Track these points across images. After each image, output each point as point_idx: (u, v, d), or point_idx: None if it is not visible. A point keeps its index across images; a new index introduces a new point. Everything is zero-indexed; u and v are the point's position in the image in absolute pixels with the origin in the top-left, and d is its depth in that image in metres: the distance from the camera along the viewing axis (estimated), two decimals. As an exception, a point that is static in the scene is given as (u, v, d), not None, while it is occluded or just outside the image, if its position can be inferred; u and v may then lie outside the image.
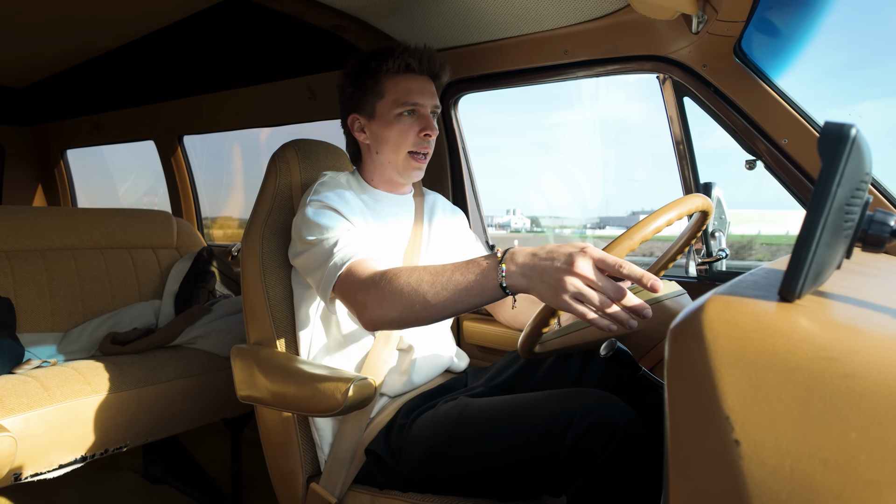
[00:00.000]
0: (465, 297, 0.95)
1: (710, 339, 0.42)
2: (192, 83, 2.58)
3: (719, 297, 0.46)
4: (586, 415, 0.95)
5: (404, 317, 1.01)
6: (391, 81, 1.31)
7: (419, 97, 1.31)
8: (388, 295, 1.01)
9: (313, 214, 1.22)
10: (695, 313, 0.45)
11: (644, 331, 1.08)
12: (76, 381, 1.62)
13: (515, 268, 0.90)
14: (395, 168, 1.34)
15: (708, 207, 1.12)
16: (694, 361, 0.43)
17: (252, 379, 1.30)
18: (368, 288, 1.04)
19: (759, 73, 1.32)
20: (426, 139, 1.32)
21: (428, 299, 0.97)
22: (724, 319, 0.43)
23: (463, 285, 0.95)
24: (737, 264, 1.51)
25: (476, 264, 0.95)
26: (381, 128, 1.32)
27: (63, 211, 2.22)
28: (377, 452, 1.22)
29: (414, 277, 0.99)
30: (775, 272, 0.57)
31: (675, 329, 0.46)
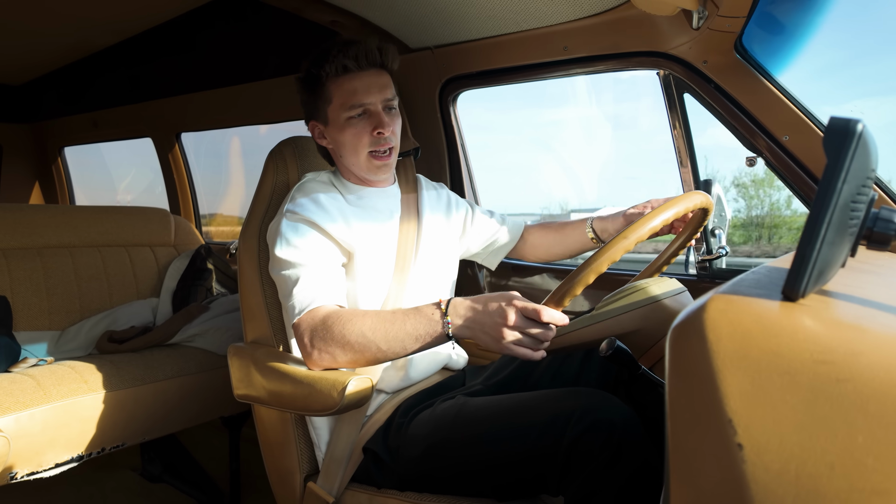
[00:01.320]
0: (412, 344, 1.07)
1: (713, 340, 0.41)
2: (189, 80, 2.57)
3: (721, 296, 0.45)
4: (584, 414, 0.94)
5: (354, 361, 1.12)
6: (335, 85, 1.27)
7: (365, 96, 1.27)
8: (338, 341, 1.10)
9: (286, 228, 1.22)
10: (696, 313, 0.44)
11: (644, 329, 1.07)
12: (72, 380, 1.62)
13: (459, 320, 1.05)
14: (360, 169, 1.33)
15: (708, 205, 1.11)
16: (695, 362, 0.42)
17: (249, 378, 1.29)
18: (318, 334, 1.12)
19: (761, 70, 1.31)
20: (380, 137, 1.29)
21: (380, 346, 1.08)
22: (727, 319, 0.42)
23: (412, 334, 1.07)
24: (738, 261, 1.50)
25: (424, 315, 1.07)
26: (336, 133, 1.30)
27: (60, 209, 2.21)
28: (375, 451, 1.21)
29: (367, 325, 1.09)
30: (778, 271, 0.56)
31: (677, 328, 0.45)
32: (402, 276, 1.34)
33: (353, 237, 1.26)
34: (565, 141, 2.75)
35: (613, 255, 0.94)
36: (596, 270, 0.94)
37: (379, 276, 1.31)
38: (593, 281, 0.95)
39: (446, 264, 1.47)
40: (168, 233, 2.43)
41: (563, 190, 2.85)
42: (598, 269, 0.94)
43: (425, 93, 1.82)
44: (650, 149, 2.54)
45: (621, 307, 1.09)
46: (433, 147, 1.87)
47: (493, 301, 1.02)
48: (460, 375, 1.45)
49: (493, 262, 1.64)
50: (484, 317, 1.02)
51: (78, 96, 3.09)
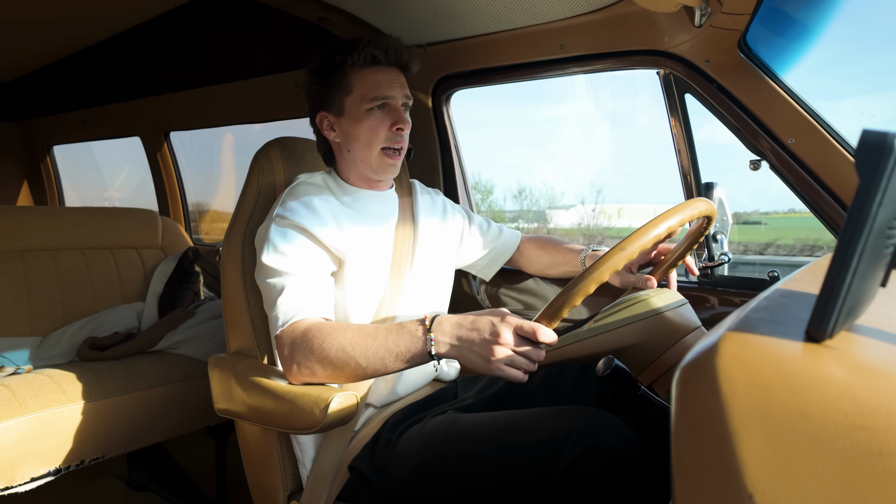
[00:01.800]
0: (393, 362, 1.02)
1: (727, 391, 0.35)
2: (177, 78, 2.51)
3: (734, 335, 0.39)
4: (582, 436, 0.89)
5: (334, 376, 1.07)
6: (358, 75, 1.24)
7: (388, 90, 1.24)
8: (318, 355, 1.06)
9: (274, 234, 1.18)
10: (706, 356, 0.38)
11: (643, 344, 1.02)
12: (50, 390, 1.56)
13: (444, 337, 0.98)
14: (369, 165, 1.28)
15: (712, 213, 1.05)
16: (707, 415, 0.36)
17: (229, 391, 1.23)
18: (298, 347, 1.08)
19: (765, 69, 1.25)
20: (398, 133, 1.25)
21: (359, 363, 1.03)
22: (743, 366, 0.36)
23: (394, 351, 1.01)
24: (743, 258, 1.44)
25: (407, 331, 1.01)
26: (351, 125, 1.25)
27: (43, 210, 2.15)
28: (361, 470, 1.15)
29: (347, 340, 1.04)
30: (795, 298, 0.50)
31: (685, 372, 0.40)
32: (397, 283, 1.29)
33: (346, 242, 1.21)
34: (561, 138, 2.70)
35: (611, 267, 0.89)
36: (597, 280, 0.89)
37: (373, 282, 1.26)
38: (592, 291, 0.90)
39: (442, 272, 1.42)
40: (155, 234, 2.37)
41: (559, 187, 2.81)
42: (600, 279, 0.89)
43: (417, 92, 1.76)
44: (648, 146, 2.49)
45: (621, 320, 1.04)
46: (426, 148, 1.81)
47: (483, 318, 0.96)
48: (452, 387, 1.39)
49: (489, 273, 1.59)
50: (473, 334, 0.96)
51: (66, 94, 3.02)
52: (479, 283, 1.74)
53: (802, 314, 0.46)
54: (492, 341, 0.93)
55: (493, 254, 1.56)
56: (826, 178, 1.23)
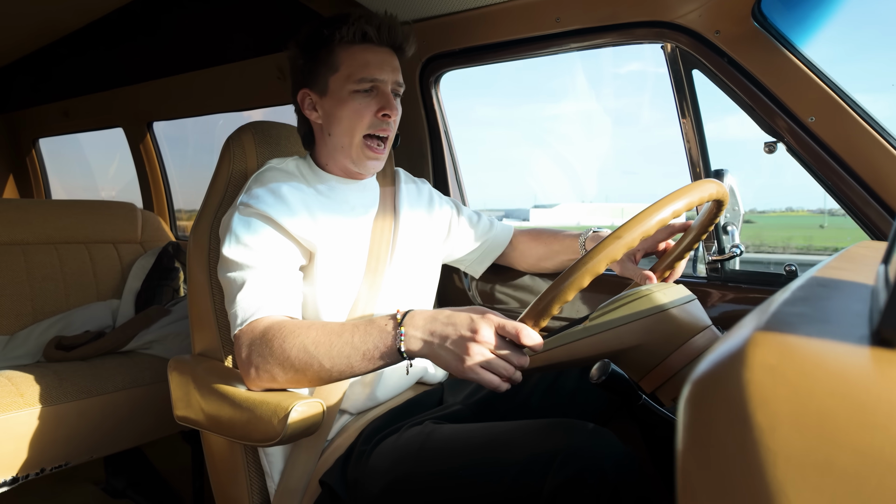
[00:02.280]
0: (360, 362, 0.91)
1: (763, 424, 0.23)
2: (158, 65, 2.39)
3: (766, 337, 0.27)
4: (570, 457, 0.77)
5: (296, 379, 0.97)
6: (346, 53, 1.13)
7: (378, 71, 1.12)
8: (278, 356, 0.95)
9: (237, 223, 1.07)
10: (728, 366, 0.27)
11: (645, 345, 0.89)
12: (7, 393, 1.45)
13: (415, 332, 0.87)
14: (348, 155, 1.16)
15: (723, 196, 0.93)
16: (732, 455, 0.24)
17: (188, 397, 1.12)
18: (257, 347, 0.97)
19: (782, 40, 1.13)
20: (385, 120, 1.14)
21: (323, 364, 0.92)
22: (785, 384, 0.24)
23: (360, 349, 0.90)
24: (754, 257, 1.32)
25: (376, 327, 0.91)
26: (334, 105, 1.14)
27: (13, 203, 2.04)
28: (331, 485, 1.04)
29: (310, 339, 0.93)
30: (838, 287, 0.38)
31: (698, 388, 0.28)
32: (373, 279, 1.17)
33: (318, 233, 1.09)
34: (562, 135, 2.58)
35: (608, 256, 0.77)
36: (592, 271, 0.77)
37: (347, 278, 1.14)
38: (587, 285, 0.78)
39: (426, 268, 1.31)
40: (134, 229, 2.26)
41: (559, 185, 2.68)
42: (595, 270, 0.77)
43: (404, 74, 1.64)
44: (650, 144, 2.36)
45: (620, 318, 0.91)
46: (414, 134, 1.69)
47: (462, 314, 0.85)
48: (437, 391, 1.27)
49: (479, 269, 1.47)
50: (448, 329, 0.84)
51: (48, 85, 2.92)
52: (470, 279, 1.62)
53: (857, 307, 0.33)
54: (468, 338, 0.82)
55: (484, 248, 1.44)
56: (850, 160, 1.10)
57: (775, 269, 1.25)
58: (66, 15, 2.36)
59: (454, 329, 0.84)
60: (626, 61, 15.22)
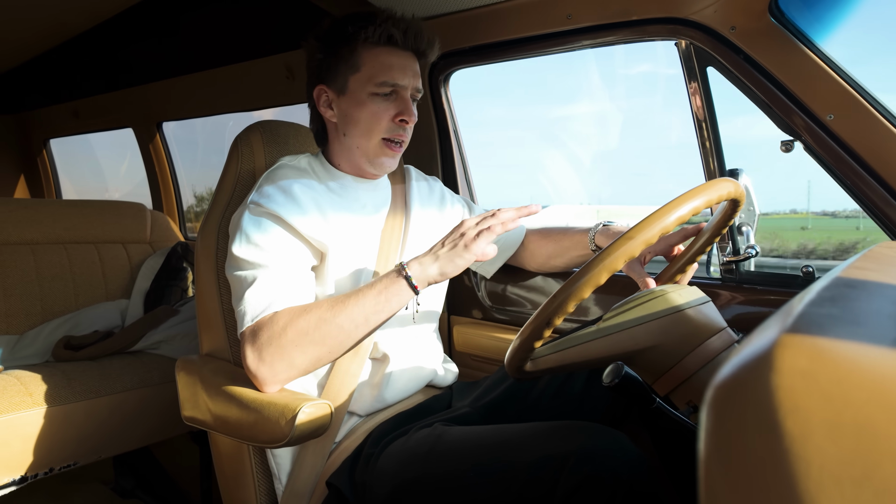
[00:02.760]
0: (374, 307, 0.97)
1: (795, 433, 0.22)
2: (167, 65, 2.40)
3: (794, 339, 0.26)
4: (581, 462, 0.75)
5: (313, 362, 0.99)
6: (369, 53, 1.11)
7: (400, 76, 1.11)
8: (294, 343, 0.97)
9: (247, 223, 1.06)
10: (755, 370, 0.25)
11: (659, 346, 0.87)
12: (16, 393, 1.45)
13: (417, 261, 0.99)
14: (364, 154, 1.15)
15: (739, 195, 0.91)
16: (761, 466, 0.23)
17: (196, 398, 1.11)
18: (267, 342, 0.98)
19: (800, 36, 1.10)
20: (402, 126, 1.13)
21: (342, 325, 0.97)
22: (819, 391, 0.23)
23: (372, 296, 0.97)
24: (769, 262, 1.29)
25: (385, 275, 1.00)
26: (352, 106, 1.12)
27: (22, 202, 2.05)
28: (338, 487, 1.02)
29: (323, 308, 0.98)
30: (866, 288, 0.36)
31: (722, 393, 0.26)
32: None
33: (329, 232, 1.08)
34: (569, 137, 2.55)
35: (626, 253, 0.75)
36: (609, 268, 0.75)
37: (358, 276, 1.13)
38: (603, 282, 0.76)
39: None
40: (143, 229, 2.26)
41: (571, 187, 2.65)
42: (613, 266, 0.75)
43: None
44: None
45: (634, 318, 0.89)
46: (422, 134, 1.68)
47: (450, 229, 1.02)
48: (446, 394, 1.26)
49: (490, 269, 1.45)
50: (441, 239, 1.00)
51: (59, 85, 2.93)
52: (479, 279, 1.61)
53: (888, 309, 0.32)
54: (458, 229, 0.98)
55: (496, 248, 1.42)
56: (869, 159, 1.08)
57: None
58: (75, 16, 2.37)
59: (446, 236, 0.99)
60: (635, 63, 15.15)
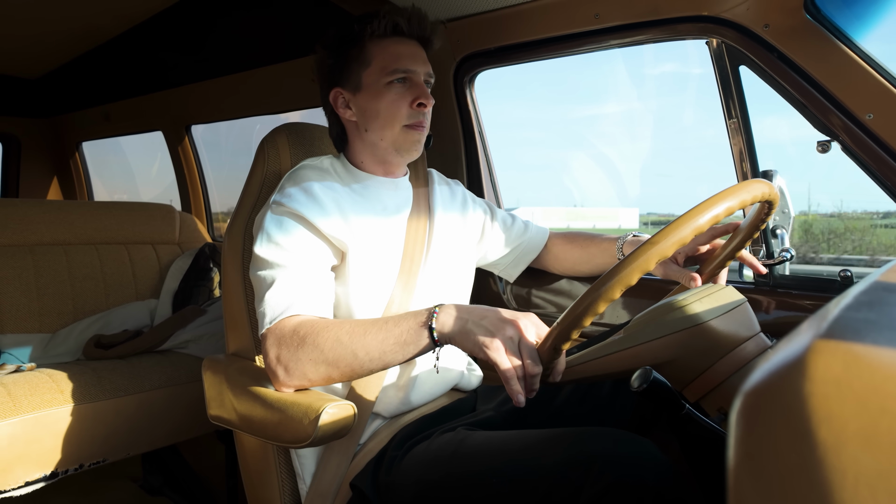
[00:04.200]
0: (392, 347, 0.91)
1: (828, 441, 0.22)
2: (196, 69, 2.43)
3: (828, 345, 0.25)
4: (606, 467, 0.74)
5: (325, 380, 0.96)
6: (377, 47, 1.13)
7: (410, 62, 1.12)
8: (309, 358, 0.94)
9: (269, 223, 1.07)
10: (786, 376, 0.25)
11: (681, 359, 0.85)
12: (47, 390, 1.48)
13: (448, 312, 0.89)
14: (391, 144, 1.15)
15: (773, 197, 0.88)
16: (793, 474, 0.22)
17: (221, 397, 1.12)
18: (287, 345, 0.96)
19: (837, 33, 1.07)
20: (420, 110, 1.13)
21: (357, 354, 0.92)
22: (852, 396, 0.22)
23: (393, 331, 0.91)
24: (805, 270, 1.25)
25: (412, 314, 0.92)
26: (369, 100, 1.13)
27: (55, 204, 2.09)
28: (362, 489, 1.02)
29: (344, 331, 0.94)
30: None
31: (751, 399, 0.26)
32: (407, 280, 1.16)
33: (350, 233, 1.08)
34: (593, 137, 2.51)
35: (659, 252, 0.73)
36: (641, 268, 0.72)
37: (380, 278, 1.13)
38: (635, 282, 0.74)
39: (460, 270, 1.28)
40: (172, 230, 2.30)
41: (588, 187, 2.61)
42: (645, 267, 0.73)
43: (438, 73, 1.61)
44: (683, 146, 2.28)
45: (655, 331, 0.87)
46: (448, 135, 1.67)
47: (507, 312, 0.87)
48: (470, 398, 1.25)
49: (513, 273, 1.44)
50: (486, 311, 0.86)
51: (91, 89, 3.00)
52: (504, 283, 1.59)
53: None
54: (509, 321, 0.84)
55: (518, 252, 1.41)
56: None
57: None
58: (106, 21, 2.42)
59: (493, 313, 0.86)
60: (660, 62, 14.59)
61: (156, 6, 2.27)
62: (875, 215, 2.26)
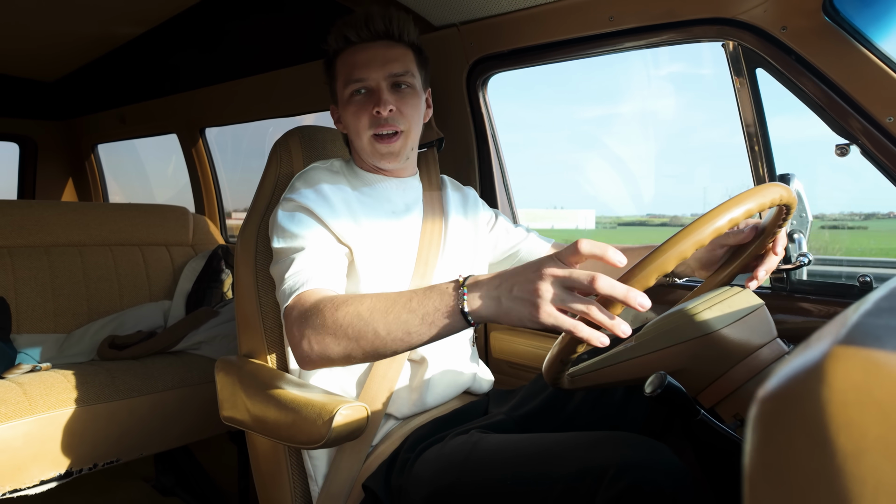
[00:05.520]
0: (418, 327, 0.83)
1: (848, 450, 0.22)
2: (210, 72, 2.45)
3: (847, 351, 0.25)
4: (622, 472, 0.73)
5: (349, 352, 0.90)
6: (340, 60, 1.17)
7: (363, 71, 1.13)
8: (330, 326, 0.90)
9: (282, 219, 1.09)
10: (804, 382, 0.25)
11: (691, 369, 0.84)
12: (62, 390, 1.49)
13: (478, 290, 0.79)
14: (364, 153, 1.18)
15: (791, 201, 0.87)
16: (812, 482, 0.22)
17: (234, 398, 1.12)
18: (307, 320, 0.93)
19: (857, 35, 1.06)
20: (379, 116, 1.12)
21: (378, 331, 0.86)
22: (872, 403, 0.22)
23: (419, 312, 0.83)
24: (821, 270, 1.24)
25: (437, 289, 0.84)
26: (343, 113, 1.18)
27: (70, 206, 2.12)
28: (375, 491, 1.02)
29: (365, 306, 0.88)
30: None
31: (768, 405, 0.26)
32: (422, 281, 1.16)
33: (359, 234, 1.09)
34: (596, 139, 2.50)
35: (664, 265, 0.72)
36: (679, 255, 0.72)
37: (393, 279, 1.13)
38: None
39: (474, 272, 1.27)
40: (186, 232, 2.31)
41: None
42: (682, 254, 0.72)
43: (451, 76, 1.63)
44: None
45: (666, 340, 0.86)
46: (460, 138, 1.67)
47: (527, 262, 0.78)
48: (482, 401, 1.24)
49: None
50: (513, 277, 0.75)
51: (107, 92, 3.03)
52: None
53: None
54: (536, 276, 0.72)
55: (517, 256, 1.37)
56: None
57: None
58: (122, 25, 2.45)
59: (519, 274, 0.75)
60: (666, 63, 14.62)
61: (170, 10, 2.29)
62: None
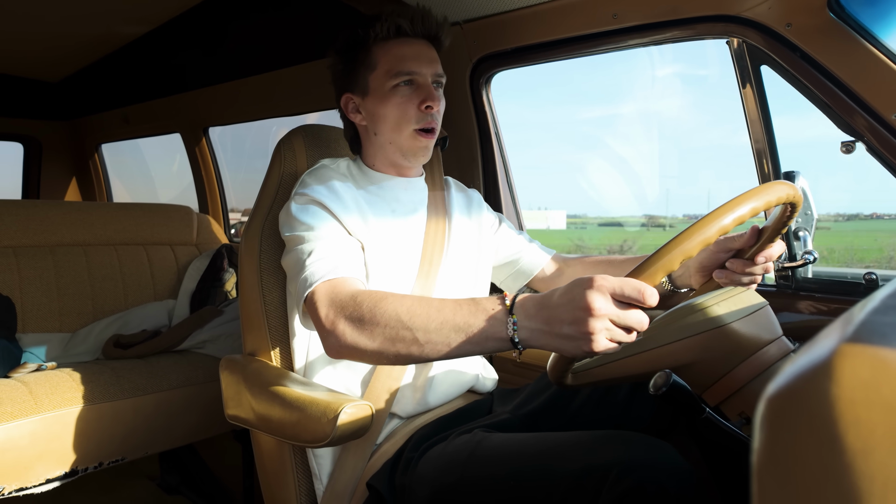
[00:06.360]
0: (460, 343, 0.81)
1: (856, 448, 0.22)
2: (214, 72, 2.46)
3: (855, 349, 0.25)
4: (625, 472, 0.73)
5: (382, 351, 0.86)
6: (382, 49, 1.13)
7: (415, 64, 1.11)
8: (368, 320, 0.86)
9: (296, 211, 1.06)
10: (811, 380, 0.25)
11: (701, 362, 0.84)
12: (67, 389, 1.49)
13: (528, 321, 0.77)
14: (399, 148, 1.15)
15: (796, 199, 0.87)
16: (820, 480, 0.23)
17: (239, 396, 1.12)
18: (343, 308, 0.90)
19: (862, 32, 1.05)
20: (428, 112, 1.12)
21: (417, 336, 0.83)
22: (879, 401, 0.22)
23: (464, 330, 0.80)
24: (825, 271, 1.23)
25: (482, 309, 0.81)
26: (377, 104, 1.13)
27: (75, 206, 2.12)
28: (379, 490, 1.02)
29: (405, 308, 0.85)
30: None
31: (775, 404, 0.26)
32: (426, 282, 1.16)
33: (368, 233, 1.09)
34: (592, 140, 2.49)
35: (670, 265, 0.72)
36: (685, 252, 0.73)
37: (398, 278, 1.13)
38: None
39: (478, 274, 1.27)
40: (190, 231, 2.32)
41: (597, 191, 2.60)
42: (688, 252, 0.73)
43: (454, 75, 1.62)
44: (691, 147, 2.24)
45: (675, 333, 0.85)
46: (463, 137, 1.67)
47: (572, 290, 0.75)
48: (487, 400, 1.24)
49: (513, 286, 1.39)
50: (561, 312, 0.74)
51: (111, 92, 3.04)
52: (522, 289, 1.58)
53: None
54: (585, 314, 0.71)
55: (518, 264, 1.36)
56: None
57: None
58: (125, 25, 2.45)
59: (567, 311, 0.73)
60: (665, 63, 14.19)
61: (174, 10, 2.29)
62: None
